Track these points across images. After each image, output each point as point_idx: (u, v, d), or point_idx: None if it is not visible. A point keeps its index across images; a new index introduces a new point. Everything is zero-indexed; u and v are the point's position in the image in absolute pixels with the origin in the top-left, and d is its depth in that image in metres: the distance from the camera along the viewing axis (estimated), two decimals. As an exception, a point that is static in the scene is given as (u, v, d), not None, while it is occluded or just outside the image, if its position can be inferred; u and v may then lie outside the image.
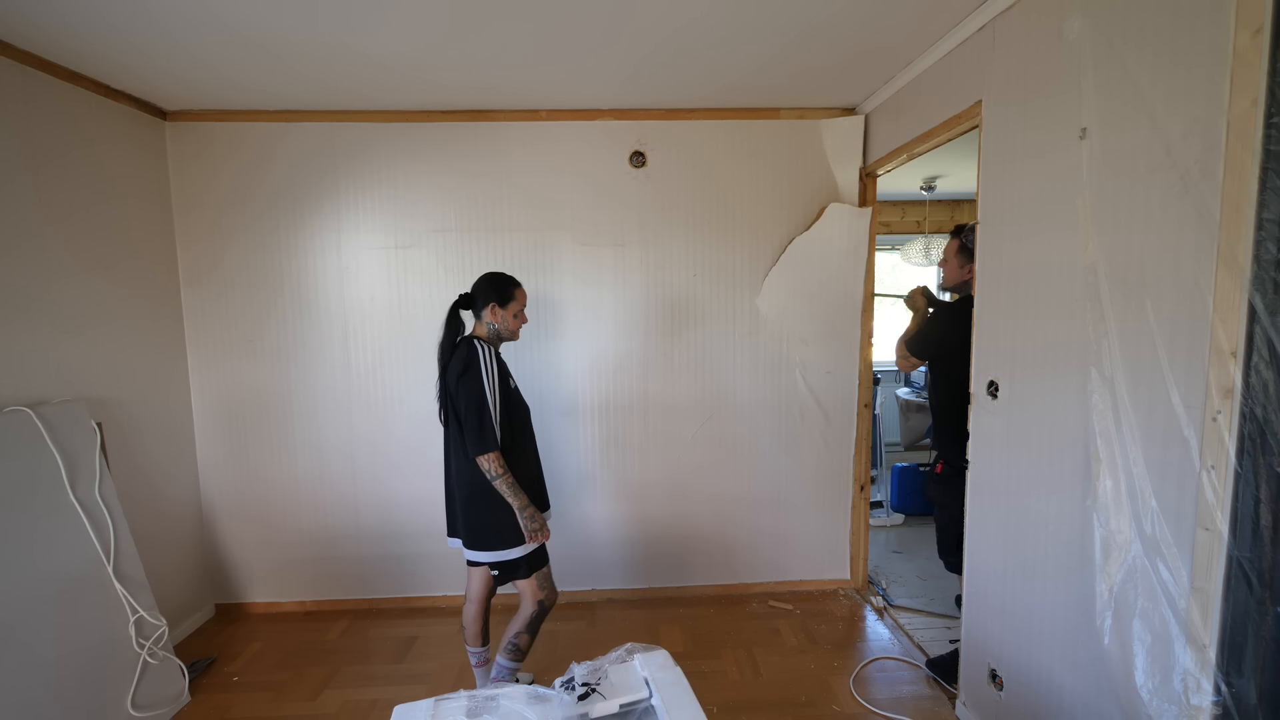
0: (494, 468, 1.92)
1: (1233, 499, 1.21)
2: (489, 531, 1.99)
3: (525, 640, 2.07)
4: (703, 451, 3.05)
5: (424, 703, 1.27)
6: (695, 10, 1.94)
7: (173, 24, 1.96)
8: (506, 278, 2.09)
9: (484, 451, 1.91)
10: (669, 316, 2.97)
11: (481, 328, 2.08)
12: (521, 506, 1.95)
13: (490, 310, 2.05)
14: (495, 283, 2.07)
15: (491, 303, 2.04)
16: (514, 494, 1.94)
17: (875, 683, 2.40)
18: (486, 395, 1.93)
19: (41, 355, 2.17)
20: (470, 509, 2.01)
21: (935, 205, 5.10)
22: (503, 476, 1.93)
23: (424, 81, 2.46)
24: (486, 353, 1.97)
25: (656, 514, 3.06)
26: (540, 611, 2.06)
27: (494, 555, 2.00)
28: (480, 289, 2.07)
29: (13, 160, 2.09)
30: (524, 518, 1.96)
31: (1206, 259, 1.25)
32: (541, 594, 2.06)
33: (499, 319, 2.05)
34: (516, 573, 2.02)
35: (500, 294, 2.05)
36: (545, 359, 2.95)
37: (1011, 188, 1.85)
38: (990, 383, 1.96)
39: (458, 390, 1.94)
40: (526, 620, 2.06)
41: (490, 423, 1.92)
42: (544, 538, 2.01)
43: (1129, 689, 1.43)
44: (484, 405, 1.92)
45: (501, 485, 1.93)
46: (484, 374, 1.94)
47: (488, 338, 2.06)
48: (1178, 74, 1.30)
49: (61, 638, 1.98)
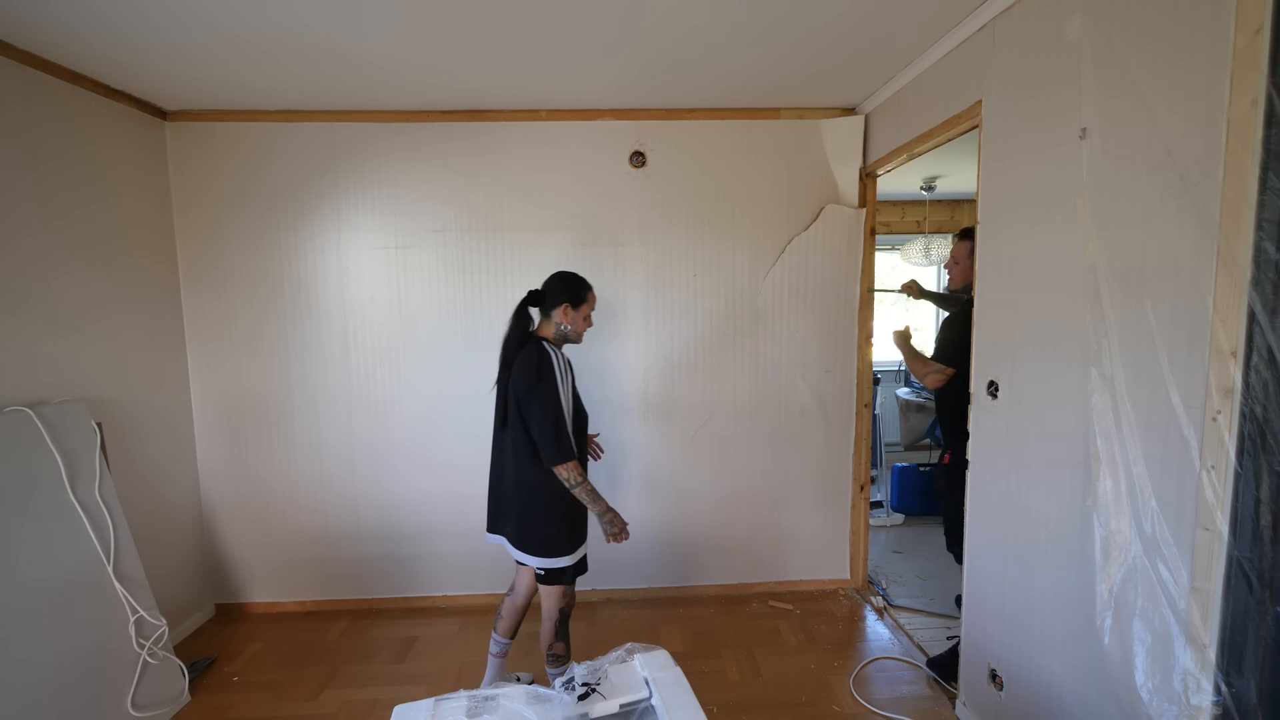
0: (573, 476, 1.89)
1: (1233, 499, 1.21)
2: (543, 538, 1.96)
3: (561, 647, 2.07)
4: (703, 451, 3.05)
5: (424, 703, 1.27)
6: (699, 15, 1.95)
7: (170, 24, 1.96)
8: (580, 278, 2.03)
9: (562, 461, 1.87)
10: (669, 316, 2.97)
11: (549, 327, 2.01)
12: (602, 512, 1.93)
13: (562, 311, 1.98)
14: (569, 283, 2.00)
15: (564, 303, 1.98)
16: (593, 500, 1.92)
17: (875, 683, 2.40)
18: (561, 404, 1.88)
19: (42, 355, 2.17)
20: (525, 513, 1.97)
21: (935, 205, 5.10)
22: (581, 484, 1.90)
23: (424, 82, 2.46)
24: (559, 359, 1.92)
25: (656, 514, 3.06)
26: (563, 617, 2.06)
27: (544, 561, 1.97)
28: (552, 287, 2.00)
29: (13, 160, 2.08)
30: (604, 522, 1.94)
31: (1206, 259, 1.25)
32: (564, 600, 2.05)
33: (570, 320, 2.00)
34: (562, 578, 2.01)
35: (574, 294, 1.99)
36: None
37: (1011, 187, 1.85)
38: (990, 383, 1.96)
39: (529, 396, 1.88)
40: (554, 627, 2.05)
41: (566, 431, 1.88)
42: (626, 537, 1.98)
43: (1129, 689, 1.43)
44: (559, 414, 1.87)
45: (580, 493, 1.91)
46: (558, 381, 1.89)
47: (554, 338, 2.01)
48: (1178, 73, 1.30)
49: (61, 638, 1.98)
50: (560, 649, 2.07)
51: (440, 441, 2.97)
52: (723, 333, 2.99)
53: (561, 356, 1.94)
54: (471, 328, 2.92)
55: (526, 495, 1.96)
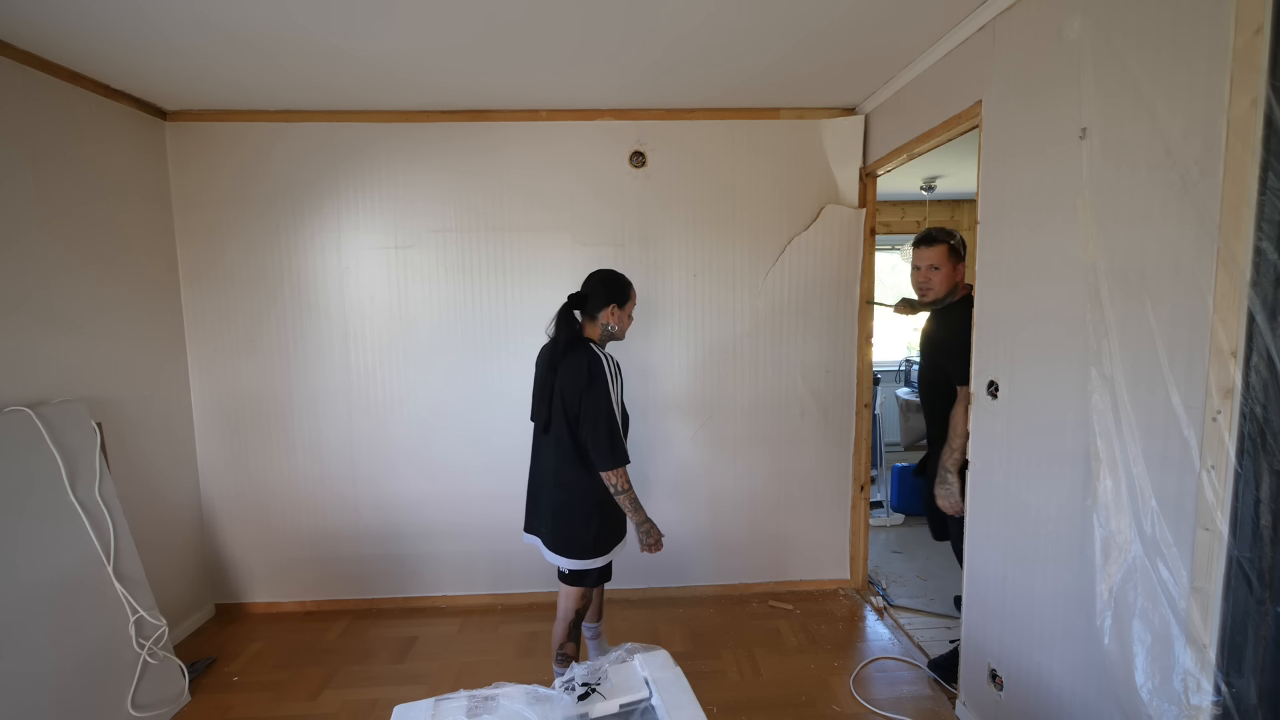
0: (620, 483, 1.90)
1: (1233, 499, 1.21)
2: (576, 539, 1.98)
3: (571, 647, 2.10)
4: (703, 451, 3.05)
5: (424, 703, 1.27)
6: (700, 17, 1.95)
7: (169, 25, 1.95)
8: (622, 277, 2.04)
9: (615, 465, 1.88)
10: (668, 317, 2.97)
11: (595, 329, 2.02)
12: (641, 521, 1.95)
13: (609, 312, 1.99)
14: (615, 283, 2.01)
15: (611, 304, 1.99)
16: (635, 509, 1.94)
17: (875, 683, 2.40)
18: (614, 409, 1.89)
19: (41, 355, 2.17)
20: (560, 514, 1.99)
21: (935, 205, 5.10)
22: (626, 492, 1.91)
23: (424, 83, 2.46)
24: (610, 362, 1.93)
25: (656, 514, 3.03)
26: (577, 619, 2.09)
27: (572, 562, 1.99)
28: (597, 289, 2.00)
29: (13, 159, 2.08)
30: (641, 531, 1.97)
31: (1206, 259, 1.25)
32: (581, 602, 2.08)
33: (616, 320, 2.01)
34: (584, 580, 2.03)
35: (620, 295, 2.00)
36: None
37: (1011, 187, 1.85)
38: (990, 383, 1.96)
39: (582, 400, 1.88)
40: (567, 627, 2.08)
41: (620, 437, 1.89)
42: (659, 549, 2.00)
43: (1129, 689, 1.43)
44: (613, 418, 1.88)
45: (624, 500, 1.92)
46: (610, 385, 1.89)
47: (600, 339, 2.02)
48: (1178, 73, 1.30)
49: (61, 638, 1.98)
50: (570, 649, 2.09)
51: (440, 442, 2.97)
52: (722, 333, 2.99)
53: (612, 360, 1.94)
54: (472, 328, 2.92)
55: (565, 496, 1.98)
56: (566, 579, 2.04)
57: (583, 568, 2.00)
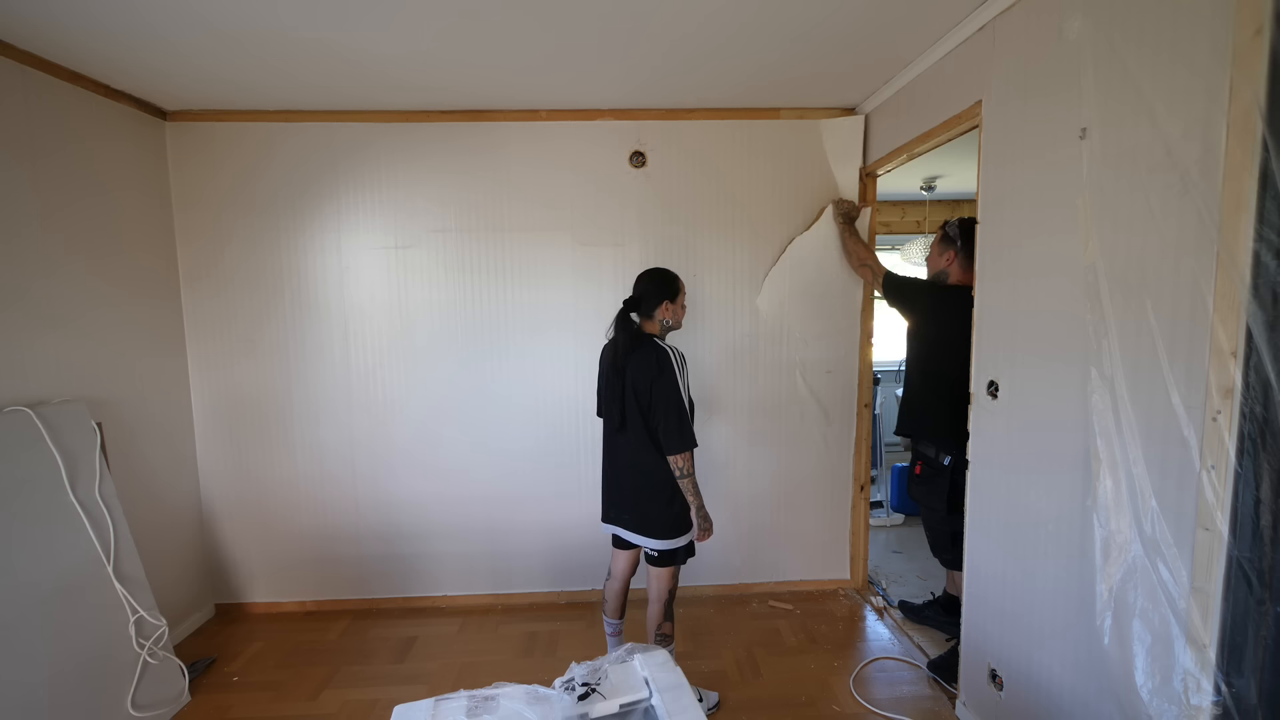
0: (686, 466, 2.02)
1: (1233, 499, 1.21)
2: (663, 520, 2.08)
3: (669, 627, 2.19)
4: (703, 451, 3.04)
5: (424, 703, 1.27)
6: (701, 17, 1.95)
7: (168, 26, 1.96)
8: (670, 274, 2.16)
9: (683, 449, 2.00)
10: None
11: (654, 325, 2.15)
12: (699, 506, 2.07)
13: (664, 307, 2.12)
14: (664, 282, 2.13)
15: (664, 301, 2.12)
16: (695, 494, 2.05)
17: (875, 683, 2.40)
18: (682, 396, 2.02)
19: (42, 355, 2.17)
20: (644, 498, 2.10)
21: (935, 205, 5.10)
22: (690, 476, 2.03)
23: (424, 83, 2.46)
24: (676, 355, 2.05)
25: (656, 514, 3.06)
26: (670, 598, 2.18)
27: (661, 543, 2.09)
28: (650, 290, 2.12)
29: (12, 159, 2.08)
30: (699, 517, 2.07)
31: (1206, 259, 1.25)
32: (672, 582, 2.17)
33: (671, 314, 2.14)
34: (674, 559, 2.14)
35: (670, 290, 2.13)
36: (545, 358, 2.94)
37: (1012, 187, 1.85)
38: (990, 383, 1.96)
39: (653, 391, 2.01)
40: (662, 608, 2.17)
41: (688, 422, 2.02)
42: (706, 538, 2.10)
43: (1129, 689, 1.43)
44: (681, 405, 2.01)
45: (686, 485, 2.04)
46: (678, 374, 2.03)
47: (660, 333, 2.15)
48: (1178, 74, 1.30)
49: (61, 638, 1.98)
50: (668, 629, 2.19)
51: (440, 442, 2.97)
52: (723, 333, 2.99)
53: (677, 351, 2.07)
54: (472, 328, 2.92)
55: (647, 481, 2.09)
56: (656, 560, 2.14)
57: (670, 546, 2.10)
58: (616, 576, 2.33)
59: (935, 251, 2.47)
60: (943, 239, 2.43)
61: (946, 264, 2.39)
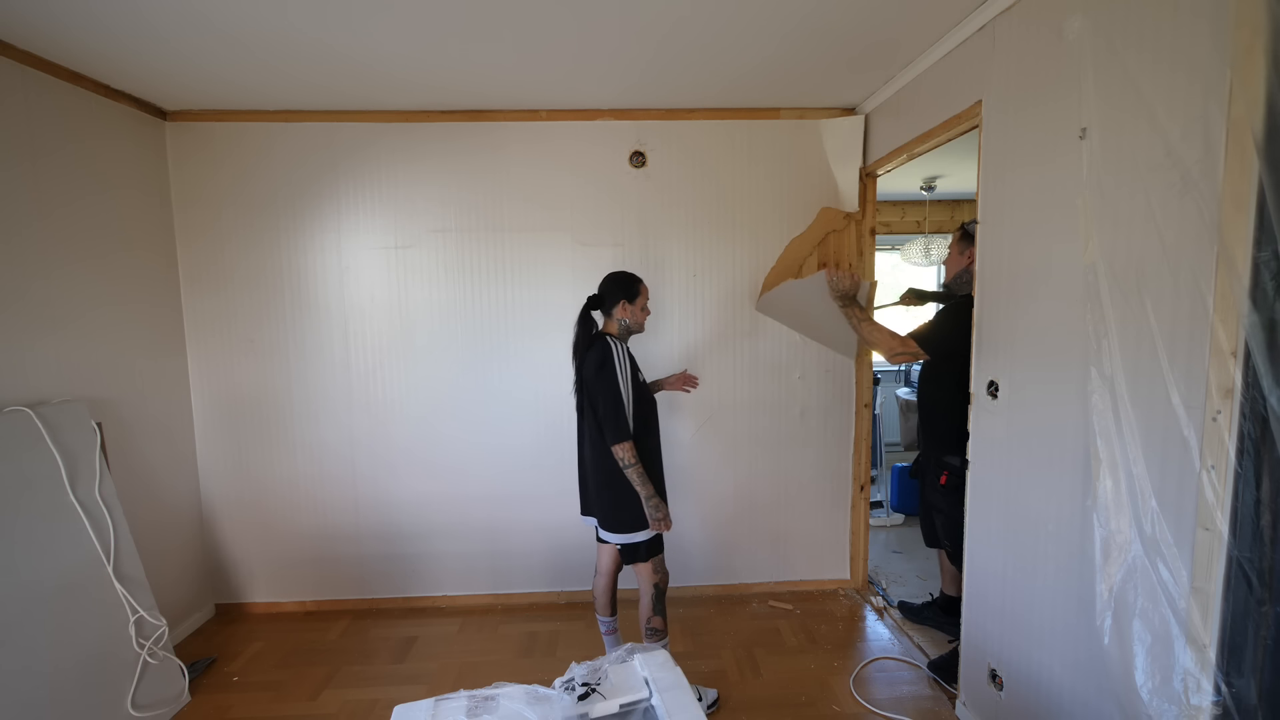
0: (627, 457, 2.04)
1: (1233, 499, 1.21)
2: (621, 515, 2.12)
3: (659, 621, 2.20)
4: (703, 451, 3.05)
5: (424, 703, 1.27)
6: (701, 17, 1.95)
7: (168, 26, 1.96)
8: (631, 275, 2.21)
9: (618, 441, 2.04)
10: (669, 317, 2.97)
11: (613, 324, 2.21)
12: (648, 496, 2.07)
13: (621, 307, 2.18)
14: (623, 282, 2.19)
15: (621, 300, 2.18)
16: (642, 483, 2.07)
17: (875, 683, 2.40)
18: (620, 389, 2.06)
19: (42, 355, 2.17)
20: (603, 493, 2.14)
21: (935, 205, 5.10)
22: (633, 466, 2.05)
23: (424, 82, 2.46)
24: (619, 349, 2.11)
25: (656, 514, 3.06)
26: (658, 593, 2.19)
27: (620, 537, 2.13)
28: (609, 290, 2.19)
29: (12, 159, 2.08)
30: (649, 506, 2.08)
31: (1206, 259, 1.25)
32: (656, 576, 2.18)
33: (629, 314, 2.19)
34: (636, 555, 2.15)
35: (628, 291, 2.18)
36: (544, 358, 2.94)
37: (1011, 188, 1.85)
38: (990, 383, 1.96)
39: (596, 384, 2.07)
40: (650, 603, 2.19)
41: (624, 415, 2.05)
42: (666, 527, 2.11)
43: (1129, 689, 1.43)
44: (618, 398, 2.05)
45: (631, 474, 2.06)
46: (618, 369, 2.08)
47: (619, 333, 2.19)
48: (1178, 74, 1.30)
49: (61, 638, 1.98)
50: (658, 623, 2.20)
51: (440, 441, 2.97)
52: (723, 333, 2.99)
53: (623, 349, 2.12)
54: (471, 328, 2.92)
55: (605, 477, 2.13)
56: (625, 556, 2.18)
57: (630, 541, 2.13)
58: (602, 572, 2.35)
59: (955, 251, 2.42)
60: (962, 238, 2.37)
61: (968, 262, 2.33)
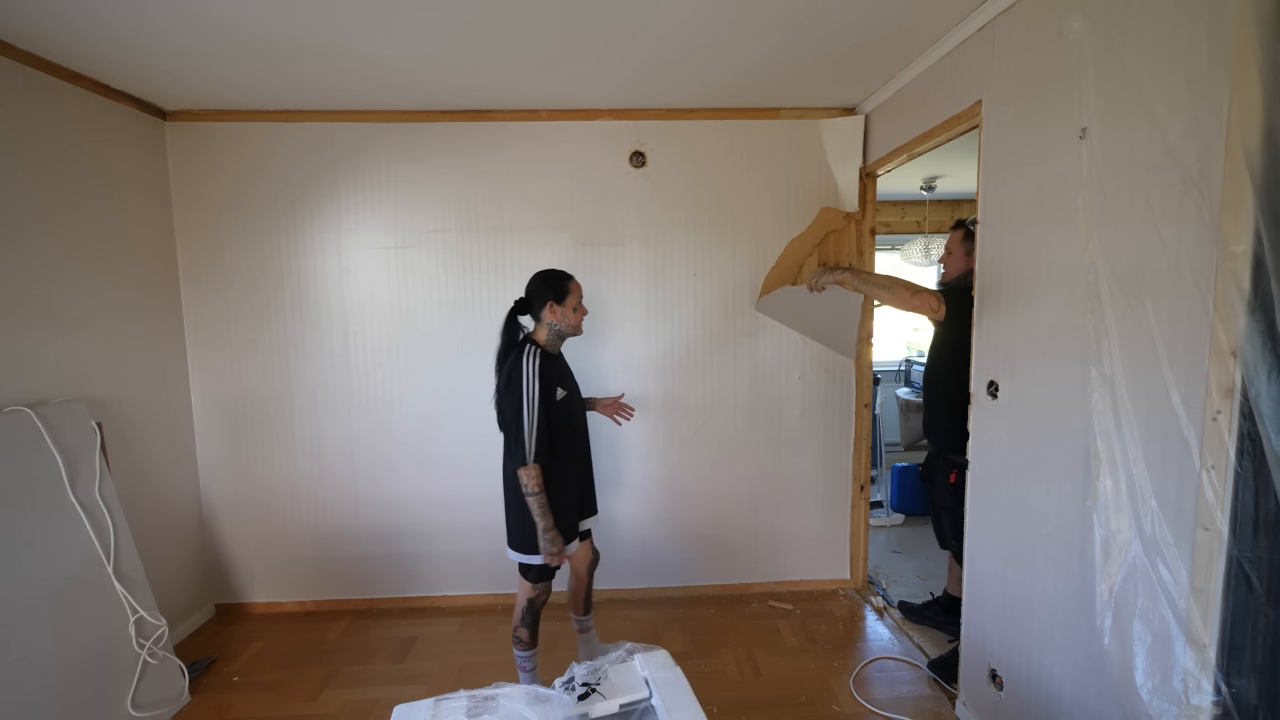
0: (531, 484, 1.94)
1: (1233, 499, 1.21)
2: (516, 533, 2.08)
3: (524, 632, 2.17)
4: (703, 451, 3.05)
5: (424, 703, 1.28)
6: (701, 16, 1.95)
7: (170, 25, 1.96)
8: (558, 273, 2.08)
9: (519, 464, 1.94)
10: (668, 316, 2.97)
11: (542, 330, 2.07)
12: (545, 529, 1.97)
13: (549, 309, 2.04)
14: (548, 280, 2.05)
15: (549, 301, 2.03)
16: (542, 514, 1.96)
17: (875, 683, 2.40)
18: (524, 409, 1.93)
19: (42, 355, 2.17)
20: (509, 509, 2.10)
21: (935, 205, 5.10)
22: (536, 495, 1.94)
23: (424, 82, 2.46)
24: (530, 365, 1.96)
25: (657, 514, 3.06)
26: (531, 606, 2.15)
27: (516, 556, 2.09)
28: (534, 290, 2.05)
29: (13, 160, 2.08)
30: (544, 540, 1.98)
31: (1206, 259, 1.25)
32: (533, 594, 2.14)
33: (558, 316, 2.05)
34: (528, 574, 2.11)
35: (555, 291, 2.04)
36: (545, 359, 2.94)
37: (1011, 187, 1.85)
38: (990, 383, 1.96)
39: (503, 401, 1.98)
40: (521, 614, 2.16)
41: (525, 438, 1.92)
42: (556, 563, 2.02)
43: (1129, 689, 1.43)
44: (520, 420, 1.93)
45: (533, 503, 1.95)
46: (524, 387, 1.94)
47: (547, 339, 2.07)
48: (1177, 73, 1.30)
49: (61, 638, 1.98)
50: (523, 634, 2.17)
51: (440, 441, 2.97)
52: (723, 333, 2.99)
53: (534, 364, 1.96)
54: (471, 328, 2.92)
55: (507, 492, 2.08)
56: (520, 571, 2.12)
57: (520, 560, 2.08)
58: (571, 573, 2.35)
59: (961, 251, 2.36)
60: (966, 237, 2.34)
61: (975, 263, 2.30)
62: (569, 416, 2.10)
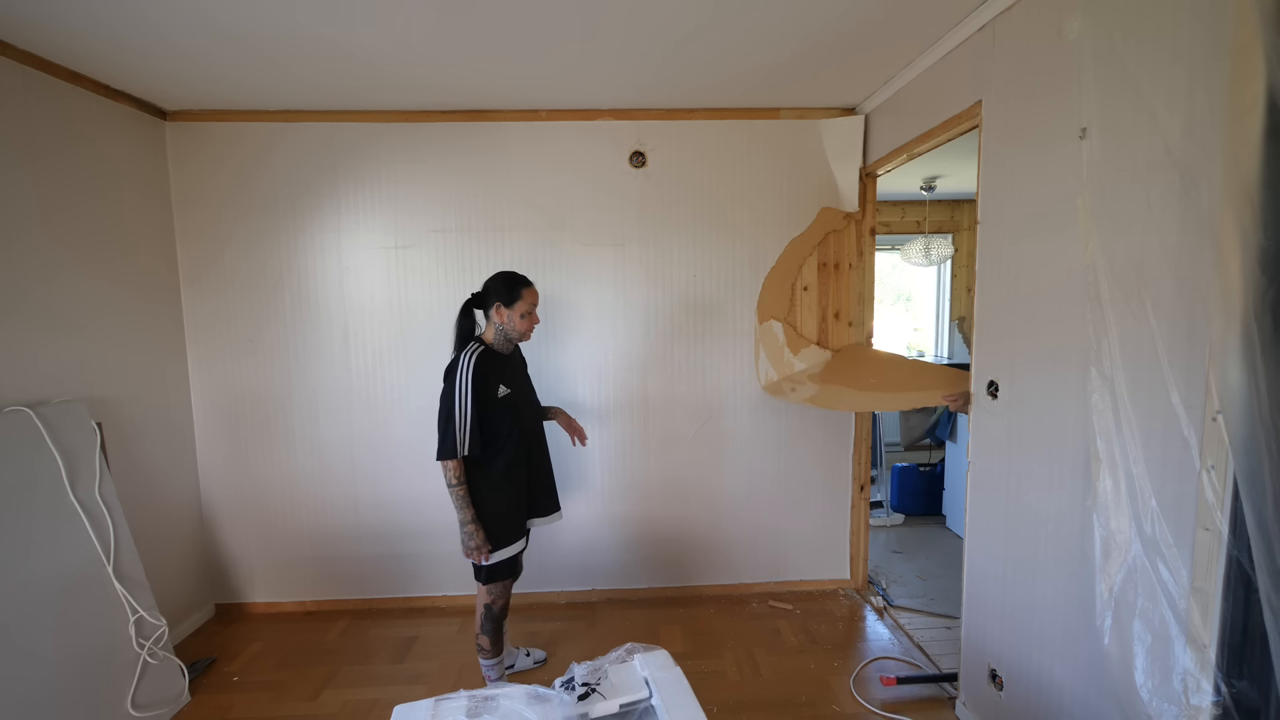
0: (450, 476, 1.96)
1: (1233, 499, 1.21)
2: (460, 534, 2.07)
3: (485, 640, 2.20)
4: (703, 451, 3.05)
5: (424, 703, 1.27)
6: (701, 17, 1.95)
7: (170, 25, 1.96)
8: (515, 277, 2.08)
9: (441, 458, 1.95)
10: (669, 317, 2.97)
11: (490, 330, 2.08)
12: (464, 521, 1.99)
13: (496, 310, 2.05)
14: (503, 282, 2.06)
15: (497, 303, 2.04)
16: (462, 506, 1.98)
17: (875, 683, 2.40)
18: (455, 404, 1.95)
19: (42, 355, 2.17)
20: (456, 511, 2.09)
21: (935, 205, 5.10)
22: (456, 487, 1.96)
23: (424, 82, 2.46)
24: (465, 363, 1.98)
25: (657, 514, 3.06)
26: (488, 613, 2.16)
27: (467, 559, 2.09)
28: (489, 287, 2.07)
29: (13, 160, 2.08)
30: (464, 532, 1.99)
31: (1206, 259, 1.24)
32: (489, 599, 2.15)
33: (504, 319, 2.05)
34: (478, 576, 2.15)
35: (506, 294, 2.05)
36: (545, 359, 2.94)
37: (1011, 187, 1.85)
38: (990, 383, 1.96)
39: (441, 394, 1.99)
40: (480, 621, 2.19)
41: (452, 431, 1.94)
42: (477, 559, 2.03)
43: (1129, 689, 1.42)
44: (450, 414, 1.95)
45: (453, 494, 1.98)
46: (457, 383, 1.95)
47: (494, 339, 2.07)
48: (1177, 73, 1.30)
49: (61, 638, 1.98)
50: (485, 641, 2.19)
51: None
52: (724, 333, 2.99)
53: (471, 362, 1.97)
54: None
55: None
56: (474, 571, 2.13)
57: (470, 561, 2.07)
58: None
59: None
60: None
61: None
62: (513, 414, 2.09)
